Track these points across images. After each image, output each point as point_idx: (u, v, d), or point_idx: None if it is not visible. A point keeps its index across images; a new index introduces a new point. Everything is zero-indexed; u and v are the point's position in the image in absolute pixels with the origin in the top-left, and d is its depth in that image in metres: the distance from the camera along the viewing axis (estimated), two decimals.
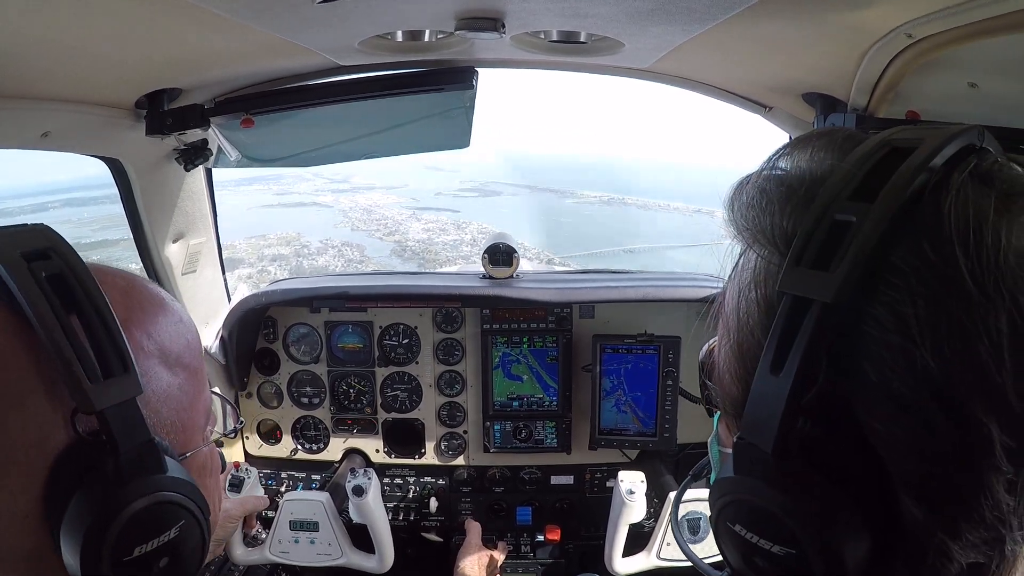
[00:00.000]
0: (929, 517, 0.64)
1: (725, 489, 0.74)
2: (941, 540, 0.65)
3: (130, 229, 2.59)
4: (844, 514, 0.66)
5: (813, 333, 0.63)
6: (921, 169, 0.63)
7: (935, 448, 0.62)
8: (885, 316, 0.62)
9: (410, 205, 57.49)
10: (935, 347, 0.60)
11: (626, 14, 1.71)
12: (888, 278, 0.62)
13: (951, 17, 1.47)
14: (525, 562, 3.20)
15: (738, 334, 0.76)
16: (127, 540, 0.83)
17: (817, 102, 2.18)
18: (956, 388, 0.60)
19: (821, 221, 0.65)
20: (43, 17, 1.40)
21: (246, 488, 2.68)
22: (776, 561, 0.70)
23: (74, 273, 0.83)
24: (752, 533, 0.71)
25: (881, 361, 0.62)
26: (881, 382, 0.63)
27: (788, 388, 0.65)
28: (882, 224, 0.62)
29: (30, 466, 0.79)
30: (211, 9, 1.49)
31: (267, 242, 40.08)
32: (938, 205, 0.62)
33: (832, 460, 0.66)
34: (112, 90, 2.05)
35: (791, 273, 0.66)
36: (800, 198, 0.70)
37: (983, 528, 0.64)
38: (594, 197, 65.79)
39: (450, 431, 3.39)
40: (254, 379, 3.37)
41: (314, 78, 2.44)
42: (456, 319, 3.29)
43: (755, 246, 0.74)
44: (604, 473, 3.38)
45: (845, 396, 0.65)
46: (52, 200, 18.64)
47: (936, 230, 0.61)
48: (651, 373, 3.05)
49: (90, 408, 0.79)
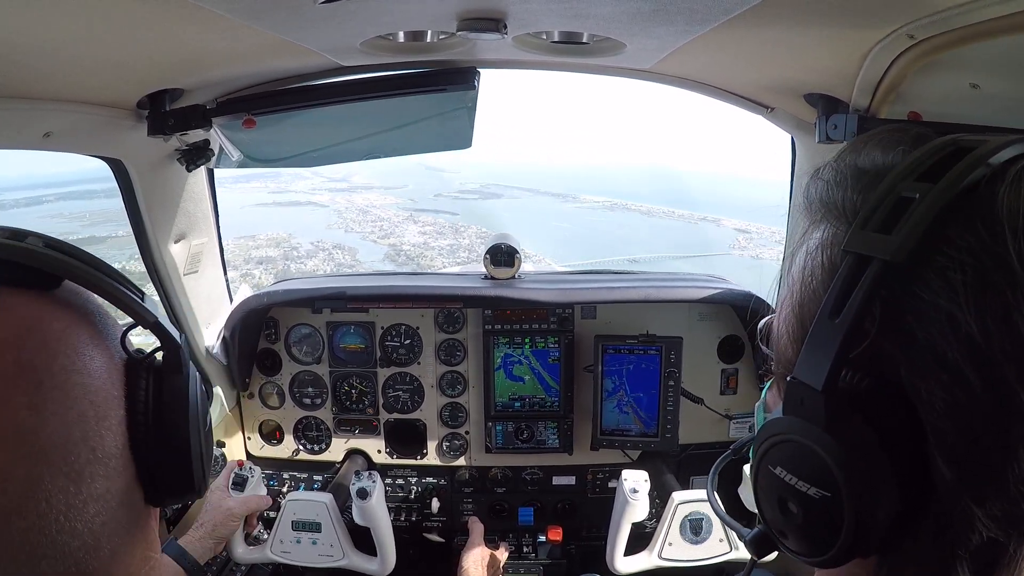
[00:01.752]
0: (958, 479, 0.68)
1: (772, 431, 0.79)
2: (967, 505, 0.68)
3: (132, 229, 2.59)
4: (881, 463, 0.69)
5: (871, 286, 0.68)
6: (981, 161, 0.69)
7: (970, 411, 0.66)
8: (936, 281, 0.66)
9: (408, 206, 56.04)
10: (979, 314, 0.64)
11: (628, 15, 1.71)
12: (943, 248, 0.67)
13: (953, 18, 1.47)
14: (527, 562, 3.20)
15: (801, 294, 0.80)
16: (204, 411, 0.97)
17: (819, 103, 2.17)
18: (994, 355, 0.64)
19: (888, 195, 0.71)
20: (45, 18, 1.40)
21: (250, 487, 2.68)
22: (810, 505, 0.74)
23: (54, 240, 0.88)
24: (792, 474, 0.76)
25: (928, 322, 0.67)
26: (926, 342, 0.67)
27: (844, 332, 0.69)
28: (941, 200, 0.67)
29: (112, 402, 0.82)
30: (213, 10, 1.49)
31: (256, 243, 38.60)
32: (993, 192, 0.67)
33: (875, 412, 0.70)
34: (114, 90, 2.05)
35: (856, 235, 0.71)
36: (871, 178, 0.76)
37: (1007, 500, 0.67)
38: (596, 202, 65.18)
39: (452, 432, 3.39)
40: (256, 380, 3.37)
41: (316, 78, 2.44)
42: (458, 320, 3.29)
43: (825, 218, 0.79)
44: (606, 474, 3.38)
45: (893, 353, 0.70)
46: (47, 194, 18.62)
47: (990, 213, 0.66)
48: (653, 374, 3.05)
49: (152, 318, 0.90)
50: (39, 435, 0.73)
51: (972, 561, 0.71)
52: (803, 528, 0.77)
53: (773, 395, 0.91)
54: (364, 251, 42.07)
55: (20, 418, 0.72)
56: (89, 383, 0.79)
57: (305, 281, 3.42)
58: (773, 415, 0.79)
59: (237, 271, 33.82)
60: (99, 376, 0.81)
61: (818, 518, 0.74)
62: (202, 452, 0.94)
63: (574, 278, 3.38)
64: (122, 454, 0.82)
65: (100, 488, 0.78)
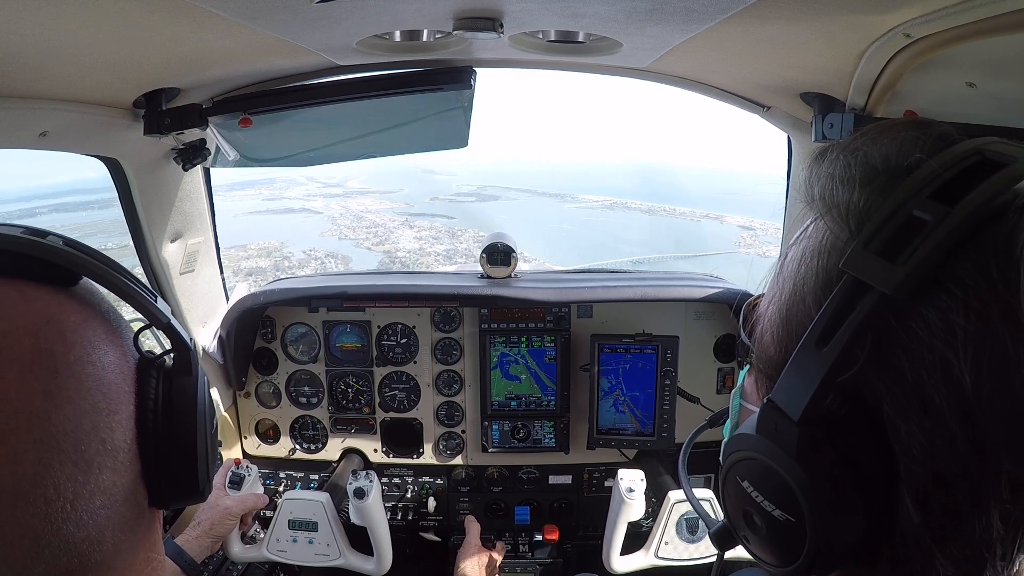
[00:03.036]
0: (924, 522, 0.67)
1: (744, 445, 0.77)
2: (929, 547, 0.67)
3: (128, 229, 2.59)
4: (849, 498, 0.68)
5: (866, 319, 0.65)
6: (1008, 187, 0.63)
7: (947, 460, 0.64)
8: (935, 321, 0.63)
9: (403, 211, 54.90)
10: (975, 364, 0.61)
11: (624, 14, 1.71)
12: (948, 285, 0.62)
13: (949, 17, 1.47)
14: (523, 562, 3.20)
15: (791, 297, 0.77)
16: (211, 414, 0.97)
17: (815, 102, 2.18)
18: (983, 410, 0.61)
19: (898, 213, 0.66)
20: (41, 17, 1.40)
21: (246, 486, 2.68)
22: (773, 524, 0.74)
23: (74, 240, 0.89)
24: (759, 492, 0.75)
25: (920, 362, 0.64)
26: (915, 382, 0.64)
27: (829, 364, 0.66)
28: (957, 232, 0.62)
29: (124, 396, 0.84)
30: (209, 9, 1.49)
31: (246, 253, 37.64)
32: (1016, 227, 0.62)
33: (851, 444, 0.68)
34: (110, 90, 2.04)
35: (858, 255, 0.67)
36: (881, 182, 0.71)
37: (969, 546, 0.66)
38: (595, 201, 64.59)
39: (448, 431, 3.39)
40: (252, 379, 3.37)
41: (312, 78, 2.44)
42: (454, 319, 3.30)
43: (826, 217, 0.74)
44: (602, 473, 3.39)
45: (878, 386, 0.67)
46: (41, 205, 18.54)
47: (1006, 252, 0.61)
48: (649, 373, 3.05)
49: (164, 320, 0.93)
50: (52, 421, 0.74)
51: None
52: (766, 541, 0.77)
53: (751, 383, 0.90)
54: (358, 259, 41.34)
55: (35, 404, 0.73)
56: (102, 376, 0.80)
57: (301, 280, 3.42)
58: (746, 425, 0.77)
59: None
60: (112, 370, 0.82)
61: (780, 537, 0.74)
62: (208, 455, 0.95)
63: (570, 277, 3.38)
64: (130, 449, 0.83)
65: (107, 481, 0.79)
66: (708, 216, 53.03)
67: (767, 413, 0.73)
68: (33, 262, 0.81)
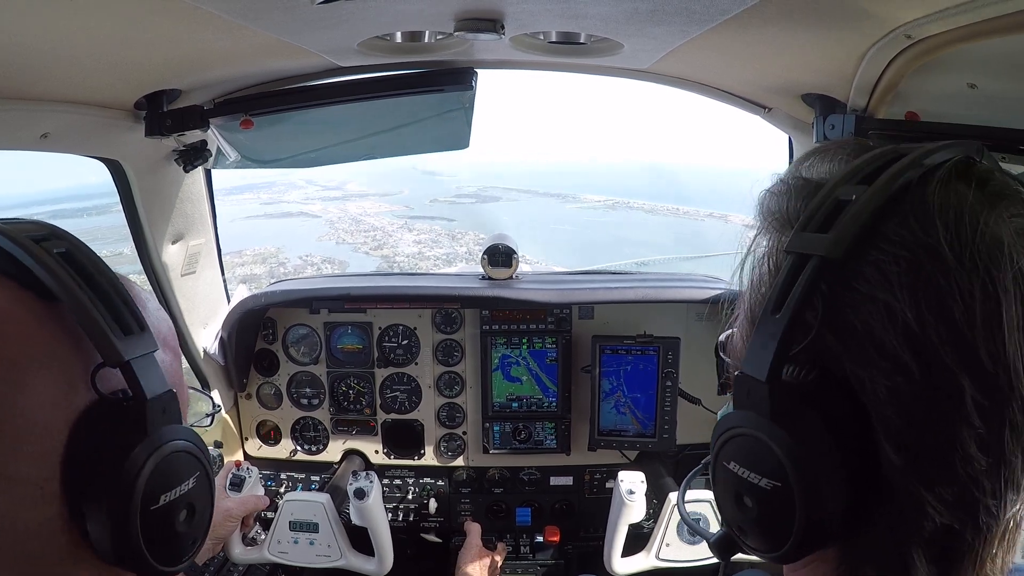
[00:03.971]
0: (906, 464, 0.71)
1: (723, 426, 0.82)
2: (917, 490, 0.71)
3: (129, 230, 2.59)
4: (829, 450, 0.73)
5: (809, 281, 0.72)
6: (914, 164, 0.73)
7: (912, 395, 0.70)
8: (872, 274, 0.71)
9: (403, 213, 55.20)
10: (914, 301, 0.69)
11: (625, 15, 1.71)
12: (878, 243, 0.71)
13: (950, 18, 1.47)
14: (524, 563, 3.20)
15: (751, 300, 0.85)
16: (155, 488, 0.84)
17: (816, 103, 2.18)
18: (930, 339, 0.68)
19: (827, 199, 0.75)
20: (43, 18, 1.40)
21: (247, 487, 2.68)
22: (763, 497, 0.77)
23: (81, 252, 0.87)
24: (743, 467, 0.79)
25: (866, 313, 0.71)
26: (865, 332, 0.71)
27: (784, 325, 0.73)
28: (875, 200, 0.71)
29: (49, 431, 0.79)
30: (210, 10, 1.49)
31: (242, 259, 37.09)
32: (925, 191, 0.72)
33: (822, 403, 0.74)
34: (111, 91, 2.05)
35: (797, 237, 0.75)
36: (813, 188, 0.81)
37: (956, 484, 0.70)
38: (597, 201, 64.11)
39: (449, 432, 3.39)
40: (253, 380, 3.37)
41: (313, 79, 2.44)
42: (455, 320, 3.29)
43: (770, 228, 0.84)
44: (603, 474, 3.38)
45: (835, 345, 0.74)
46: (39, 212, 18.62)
47: (922, 209, 0.71)
48: (650, 374, 3.05)
49: (119, 359, 0.82)
50: None
51: (928, 549, 0.73)
52: (759, 522, 0.79)
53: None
54: (355, 264, 40.76)
55: None
56: (16, 401, 0.77)
57: (303, 282, 3.42)
58: (723, 411, 0.83)
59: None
60: (36, 398, 0.79)
61: (771, 509, 0.76)
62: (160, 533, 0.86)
63: (571, 278, 3.38)
64: (45, 487, 0.79)
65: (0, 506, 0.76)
66: (712, 215, 52.68)
67: (739, 384, 0.78)
68: (17, 265, 0.81)
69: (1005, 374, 0.67)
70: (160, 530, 0.86)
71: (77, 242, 0.89)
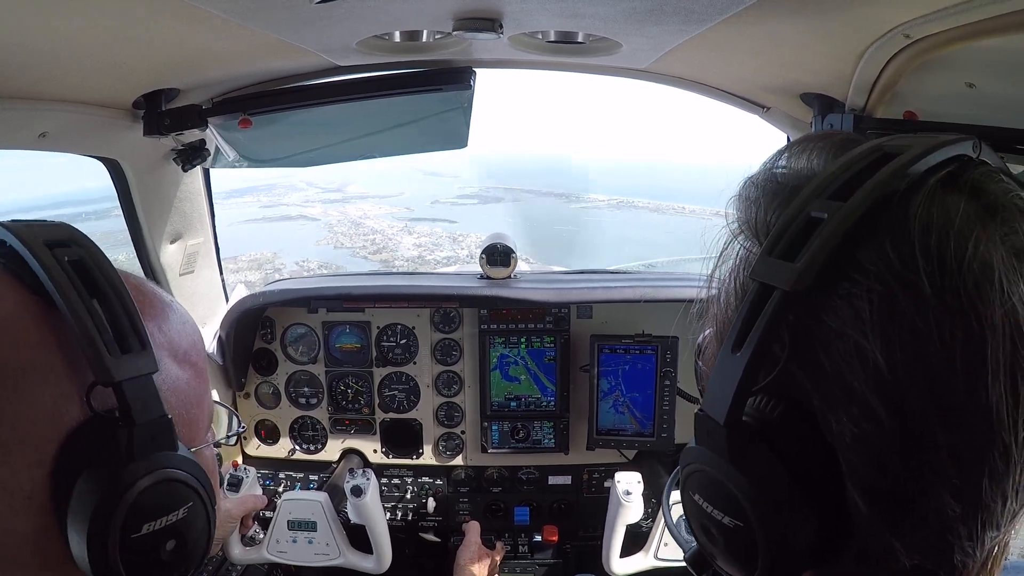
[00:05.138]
0: (873, 512, 0.67)
1: (688, 458, 0.77)
2: (886, 538, 0.67)
3: (128, 229, 2.59)
4: (791, 493, 0.68)
5: (771, 317, 0.66)
6: (899, 173, 0.65)
7: (879, 443, 0.65)
8: (843, 309, 0.64)
9: (403, 216, 53.75)
10: (885, 344, 0.62)
11: (623, 14, 1.72)
12: (850, 274, 0.64)
13: (949, 18, 1.47)
14: (523, 562, 3.20)
15: (720, 316, 0.81)
16: (136, 516, 0.82)
17: (815, 102, 2.18)
18: (901, 385, 0.62)
19: (797, 217, 0.68)
20: (41, 17, 1.40)
21: (244, 487, 2.67)
22: (727, 533, 0.73)
23: (94, 260, 0.85)
24: (707, 503, 0.75)
25: (836, 352, 0.65)
26: (834, 373, 0.65)
27: (743, 366, 0.67)
28: (848, 222, 0.64)
29: (40, 441, 0.78)
30: (209, 9, 1.49)
31: (237, 265, 35.16)
32: (907, 207, 0.64)
33: (785, 442, 0.69)
34: (110, 90, 2.05)
35: (762, 262, 0.68)
36: (786, 195, 0.73)
37: (927, 531, 0.66)
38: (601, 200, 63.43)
39: (448, 431, 3.39)
40: (252, 379, 3.36)
41: (312, 78, 2.44)
42: (454, 319, 3.29)
43: (739, 236, 0.79)
44: (602, 473, 3.38)
45: (804, 384, 0.68)
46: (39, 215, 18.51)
47: (900, 232, 0.63)
48: (649, 373, 3.05)
49: (109, 379, 0.79)
50: None
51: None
52: (726, 552, 0.77)
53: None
54: (353, 269, 40.08)
55: None
56: (15, 410, 0.76)
57: (301, 281, 3.42)
58: (689, 444, 0.78)
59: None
60: (35, 408, 0.78)
61: (735, 544, 0.73)
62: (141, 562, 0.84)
63: (570, 278, 3.38)
64: (33, 498, 0.78)
65: None
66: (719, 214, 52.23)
67: (700, 422, 0.74)
68: (22, 267, 0.81)
69: (986, 421, 0.62)
70: (142, 558, 0.84)
71: (94, 249, 0.87)
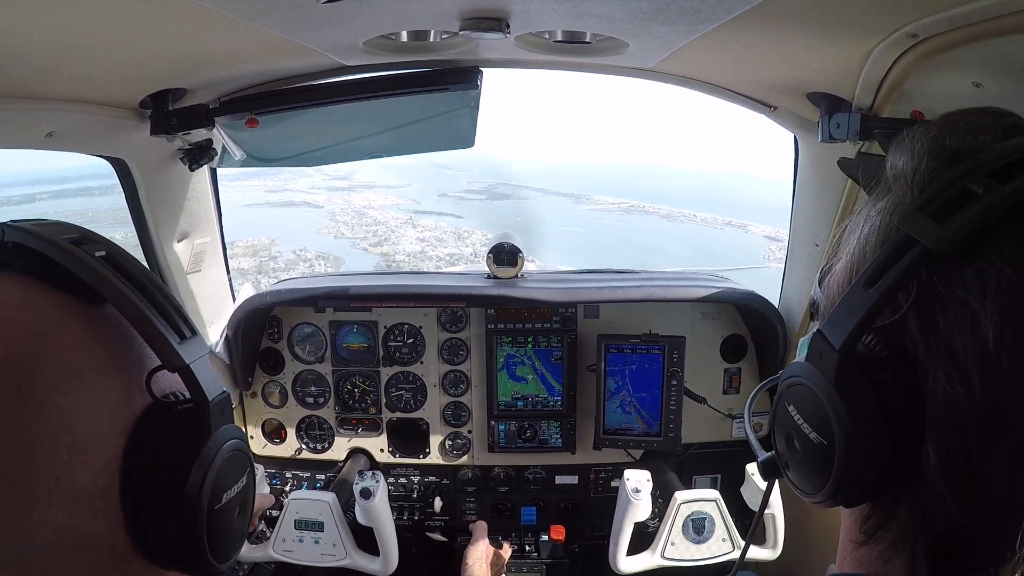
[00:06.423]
0: (939, 466, 0.70)
1: (794, 372, 0.84)
2: (941, 491, 0.71)
3: (135, 228, 2.60)
4: (877, 429, 0.73)
5: (908, 268, 0.70)
6: None
7: (966, 410, 0.68)
8: (971, 280, 0.68)
9: (408, 207, 53.42)
10: (1001, 322, 0.66)
11: (630, 14, 1.71)
12: (988, 252, 0.67)
13: (954, 18, 1.47)
14: (530, 562, 3.20)
15: (855, 252, 0.83)
16: (219, 486, 0.85)
17: (822, 102, 2.17)
18: (1002, 365, 0.66)
19: (955, 184, 0.71)
20: (48, 17, 1.40)
21: None
22: (810, 448, 0.81)
23: (120, 254, 0.86)
24: (800, 415, 0.82)
25: (952, 315, 0.69)
26: (946, 333, 0.69)
27: (871, 303, 0.72)
28: (1000, 203, 0.67)
29: (109, 436, 0.78)
30: (216, 9, 1.50)
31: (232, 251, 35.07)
32: None
33: (885, 382, 0.73)
34: (117, 90, 2.05)
35: (912, 215, 0.72)
36: (947, 157, 0.76)
37: (981, 499, 0.69)
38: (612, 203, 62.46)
39: (455, 431, 3.39)
40: (259, 379, 3.37)
41: (319, 78, 2.44)
42: (461, 319, 3.30)
43: (895, 184, 0.81)
44: (608, 473, 3.38)
45: (916, 334, 0.72)
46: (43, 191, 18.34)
47: None
48: (656, 373, 3.05)
49: (179, 363, 0.82)
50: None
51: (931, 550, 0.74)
52: (801, 465, 0.83)
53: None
54: (352, 261, 39.49)
55: None
56: (76, 409, 0.75)
57: (308, 280, 3.42)
58: (797, 359, 0.85)
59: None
60: (94, 406, 0.77)
61: (814, 460, 0.80)
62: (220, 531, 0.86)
63: (577, 277, 3.37)
64: (103, 495, 0.77)
65: (61, 520, 0.73)
66: (731, 224, 51.02)
67: (815, 342, 0.79)
68: (55, 269, 0.79)
69: None
70: (220, 528, 0.86)
71: (113, 244, 0.87)
